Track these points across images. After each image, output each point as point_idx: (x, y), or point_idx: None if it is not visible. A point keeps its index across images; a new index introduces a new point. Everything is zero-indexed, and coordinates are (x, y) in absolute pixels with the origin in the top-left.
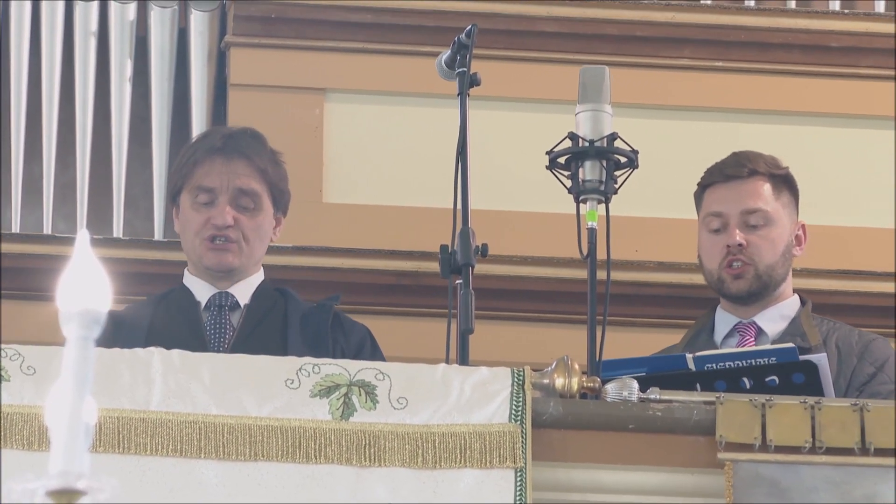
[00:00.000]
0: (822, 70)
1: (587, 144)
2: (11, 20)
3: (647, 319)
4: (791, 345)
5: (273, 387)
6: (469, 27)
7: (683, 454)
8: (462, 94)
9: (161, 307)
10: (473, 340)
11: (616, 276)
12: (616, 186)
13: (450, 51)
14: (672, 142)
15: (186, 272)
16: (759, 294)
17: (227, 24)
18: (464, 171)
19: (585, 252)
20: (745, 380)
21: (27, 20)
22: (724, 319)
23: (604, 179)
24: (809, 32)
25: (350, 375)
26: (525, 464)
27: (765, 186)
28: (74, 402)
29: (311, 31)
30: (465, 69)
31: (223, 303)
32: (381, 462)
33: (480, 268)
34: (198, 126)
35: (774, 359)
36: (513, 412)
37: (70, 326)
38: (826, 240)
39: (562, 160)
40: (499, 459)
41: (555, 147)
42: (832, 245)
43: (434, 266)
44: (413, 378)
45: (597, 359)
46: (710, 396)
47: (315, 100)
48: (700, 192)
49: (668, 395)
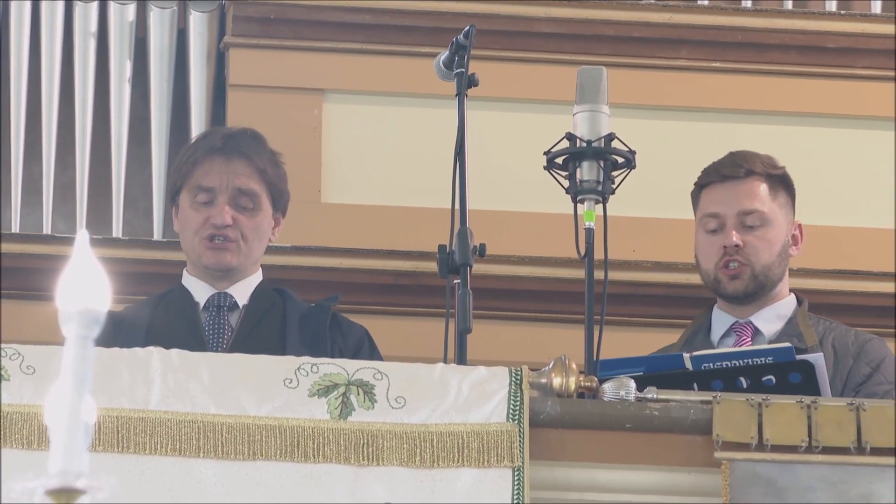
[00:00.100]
0: (819, 71)
1: (585, 145)
2: (11, 20)
3: (645, 319)
4: (788, 344)
5: (272, 386)
6: (467, 28)
7: (680, 453)
8: (460, 95)
9: (160, 307)
10: (471, 340)
11: (613, 276)
12: (613, 187)
13: (448, 51)
14: (669, 142)
15: (185, 272)
16: (756, 294)
17: (226, 25)
18: (462, 172)
19: (583, 252)
20: (742, 379)
21: (27, 20)
22: (721, 319)
23: (601, 180)
24: (806, 33)
25: (348, 375)
26: (523, 463)
27: (761, 187)
28: (74, 402)
29: (310, 32)
30: (463, 70)
31: (222, 303)
32: (380, 461)
33: (478, 268)
34: (197, 126)
35: (771, 358)
36: (510, 411)
37: (69, 326)
38: (825, 240)
39: (559, 160)
40: (496, 459)
41: (552, 147)
42: (831, 245)
43: (432, 266)
44: (411, 377)
45: (594, 358)
46: (707, 396)
47: (314, 100)
48: (697, 193)
49: (665, 395)
